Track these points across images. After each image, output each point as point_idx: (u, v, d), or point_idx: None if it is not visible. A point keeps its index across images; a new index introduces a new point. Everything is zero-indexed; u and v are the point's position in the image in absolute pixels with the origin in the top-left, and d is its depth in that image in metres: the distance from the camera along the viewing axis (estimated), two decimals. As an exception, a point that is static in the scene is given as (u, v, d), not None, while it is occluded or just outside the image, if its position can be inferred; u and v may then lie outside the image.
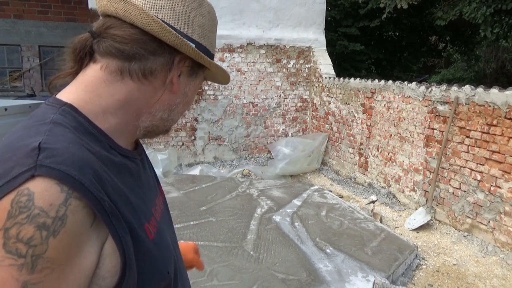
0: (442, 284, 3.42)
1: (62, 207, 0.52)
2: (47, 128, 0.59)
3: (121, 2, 0.65)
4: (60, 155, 0.55)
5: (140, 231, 0.64)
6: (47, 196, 0.51)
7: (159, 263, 0.68)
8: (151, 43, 0.66)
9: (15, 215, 0.50)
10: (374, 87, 5.79)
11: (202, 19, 0.72)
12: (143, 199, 0.71)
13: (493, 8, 6.83)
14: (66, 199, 0.52)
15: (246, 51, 7.14)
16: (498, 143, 3.85)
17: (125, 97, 0.67)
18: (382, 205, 5.27)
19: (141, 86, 0.67)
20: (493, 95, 3.89)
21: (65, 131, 0.60)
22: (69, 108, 0.64)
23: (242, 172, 6.50)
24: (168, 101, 0.71)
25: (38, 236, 0.50)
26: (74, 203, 0.53)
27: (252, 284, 2.93)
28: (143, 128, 0.71)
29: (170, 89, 0.70)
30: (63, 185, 0.52)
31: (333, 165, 6.99)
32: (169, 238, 0.77)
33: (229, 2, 6.96)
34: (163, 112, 0.72)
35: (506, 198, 3.76)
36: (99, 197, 0.55)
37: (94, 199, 0.55)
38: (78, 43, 0.69)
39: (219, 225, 3.97)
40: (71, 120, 0.62)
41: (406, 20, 10.29)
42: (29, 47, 9.61)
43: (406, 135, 5.16)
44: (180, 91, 0.72)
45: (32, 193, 0.51)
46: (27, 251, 0.50)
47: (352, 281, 3.06)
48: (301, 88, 7.62)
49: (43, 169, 0.52)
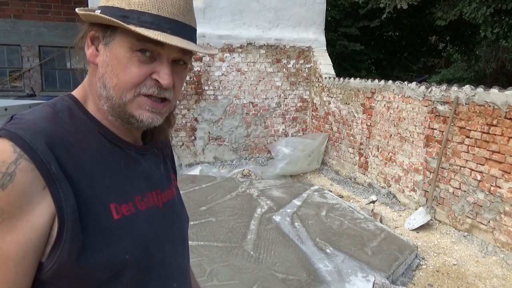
0: (442, 284, 3.42)
1: (12, 165, 0.59)
2: (36, 108, 0.70)
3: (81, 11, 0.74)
4: (24, 123, 0.64)
5: (100, 206, 0.68)
6: (1, 154, 0.60)
7: (117, 243, 0.69)
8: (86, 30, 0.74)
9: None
10: (374, 87, 5.79)
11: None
12: (123, 184, 0.74)
13: (493, 8, 6.83)
14: (16, 158, 0.60)
15: (246, 51, 7.14)
16: (498, 143, 3.85)
17: (88, 82, 0.77)
18: (382, 205, 5.27)
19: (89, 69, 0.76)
20: (493, 95, 3.89)
21: (47, 110, 0.70)
22: (67, 97, 0.75)
23: (242, 172, 6.51)
24: (98, 76, 0.73)
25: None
26: (23, 163, 0.60)
27: (252, 284, 2.93)
28: (109, 114, 0.74)
29: (93, 62, 0.74)
30: (16, 146, 0.60)
31: (333, 165, 6.99)
32: (150, 232, 0.77)
33: (229, 2, 6.96)
34: (102, 89, 0.73)
35: (506, 198, 3.76)
36: (46, 160, 0.62)
37: (40, 161, 0.61)
38: None
39: (219, 225, 3.97)
40: (62, 105, 0.72)
41: (406, 20, 10.29)
42: (29, 47, 9.60)
43: (406, 135, 5.16)
44: (100, 62, 0.72)
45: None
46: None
47: (352, 281, 3.06)
48: (301, 88, 7.62)
49: (2, 132, 0.62)
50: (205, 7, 6.84)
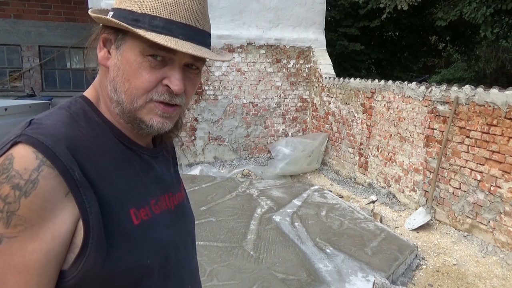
0: (442, 284, 3.42)
1: (35, 172, 0.58)
2: (51, 110, 0.69)
3: (93, 13, 0.73)
4: (44, 128, 0.62)
5: (121, 211, 0.67)
6: (23, 161, 0.58)
7: (139, 249, 0.69)
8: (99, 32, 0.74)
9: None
10: (374, 87, 5.79)
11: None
12: (139, 188, 0.74)
13: (493, 8, 6.83)
14: (39, 165, 0.58)
15: (246, 51, 7.14)
16: (498, 143, 3.85)
17: (99, 83, 0.76)
18: (382, 205, 5.27)
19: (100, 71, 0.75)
20: (493, 95, 3.89)
21: (63, 113, 0.68)
22: (81, 98, 0.74)
23: (242, 172, 6.51)
24: (109, 79, 0.72)
25: (12, 194, 0.57)
26: (46, 170, 0.59)
27: (252, 284, 2.93)
28: (120, 117, 0.73)
29: (104, 65, 0.73)
30: (38, 152, 0.59)
31: (333, 165, 6.99)
32: (166, 235, 0.77)
33: (229, 2, 6.96)
34: (112, 93, 0.71)
35: (506, 198, 3.76)
36: (69, 166, 0.61)
37: (63, 167, 0.60)
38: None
39: (219, 225, 3.97)
40: (76, 108, 0.71)
41: (406, 20, 10.28)
42: (29, 47, 9.60)
43: (406, 135, 5.16)
44: (111, 65, 0.71)
45: (12, 158, 0.59)
46: (3, 206, 0.56)
47: (352, 281, 3.06)
48: (301, 88, 7.61)
49: (23, 137, 0.60)
50: (205, 7, 6.84)
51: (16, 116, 5.97)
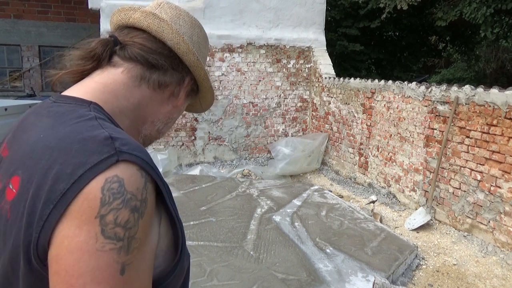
0: (442, 284, 3.42)
1: (144, 190, 0.56)
2: (97, 122, 0.61)
3: (156, 19, 0.74)
4: (130, 144, 0.59)
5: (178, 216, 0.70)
6: (134, 181, 0.55)
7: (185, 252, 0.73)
8: (174, 60, 0.75)
9: (110, 201, 0.53)
10: (374, 87, 5.79)
11: (205, 52, 0.87)
12: None
13: (493, 8, 6.83)
14: (145, 182, 0.57)
15: (246, 51, 7.14)
16: (498, 143, 3.85)
17: (138, 102, 0.73)
18: (382, 205, 5.26)
19: (153, 95, 0.74)
20: (493, 95, 3.89)
21: (109, 125, 0.63)
22: (97, 106, 0.67)
23: (242, 172, 6.50)
24: (169, 114, 0.79)
25: (132, 218, 0.54)
26: (150, 186, 0.58)
27: (252, 284, 2.93)
28: (143, 135, 0.78)
29: (174, 104, 0.79)
30: (142, 170, 0.57)
31: (333, 165, 6.98)
32: None
33: (229, 2, 6.96)
34: (161, 124, 0.79)
35: (506, 198, 3.76)
36: (162, 180, 0.61)
37: (160, 182, 0.60)
38: (99, 44, 0.72)
39: (219, 225, 3.97)
40: (105, 117, 0.66)
41: (406, 20, 10.28)
42: (29, 47, 9.61)
43: (406, 135, 5.16)
44: (180, 107, 0.82)
45: (122, 179, 0.54)
46: (124, 234, 0.53)
47: (352, 281, 3.06)
48: (301, 88, 7.61)
49: (125, 155, 0.56)
50: (205, 7, 6.84)
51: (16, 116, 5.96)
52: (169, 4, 0.82)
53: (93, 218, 0.52)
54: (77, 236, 0.51)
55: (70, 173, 0.54)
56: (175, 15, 0.80)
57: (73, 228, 0.52)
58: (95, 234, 0.51)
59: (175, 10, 0.81)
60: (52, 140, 0.59)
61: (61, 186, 0.53)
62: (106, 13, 6.32)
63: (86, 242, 0.51)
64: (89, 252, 0.51)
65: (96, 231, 0.51)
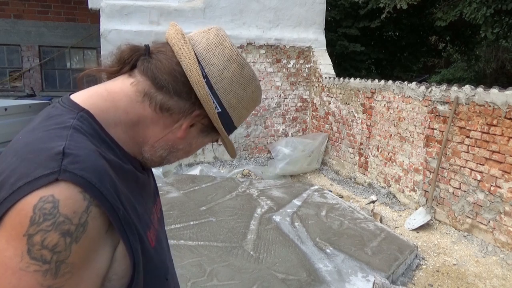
0: (442, 284, 3.42)
1: (84, 214, 0.53)
2: (67, 133, 0.59)
3: (181, 40, 0.70)
4: (83, 162, 0.55)
5: (145, 237, 0.66)
6: (71, 204, 0.52)
7: (159, 270, 0.70)
8: (183, 86, 0.69)
9: (39, 222, 0.50)
10: (374, 87, 5.79)
11: (242, 94, 0.75)
12: (145, 208, 0.73)
13: (493, 8, 6.83)
14: (87, 206, 0.54)
15: (246, 51, 7.14)
16: (498, 143, 3.85)
17: (137, 119, 0.69)
18: (382, 205, 5.27)
19: (155, 117, 0.69)
20: (493, 95, 3.89)
21: (83, 138, 0.60)
22: (86, 114, 0.64)
23: (242, 172, 6.50)
24: (172, 142, 0.73)
25: (62, 242, 0.51)
26: (94, 210, 0.54)
27: (252, 284, 2.93)
28: (144, 158, 0.74)
29: (176, 133, 0.72)
30: (85, 193, 0.54)
31: (333, 165, 6.98)
32: (165, 246, 0.79)
33: (229, 2, 6.96)
34: (164, 151, 0.73)
35: (506, 198, 3.76)
36: (115, 206, 0.57)
37: (110, 207, 0.56)
38: (128, 49, 0.71)
39: (219, 225, 3.97)
40: (88, 127, 0.63)
41: (406, 20, 10.29)
42: (29, 47, 9.61)
43: (406, 135, 5.16)
44: (185, 139, 0.74)
45: (57, 201, 0.51)
46: (51, 257, 0.51)
47: (352, 281, 3.06)
48: (301, 88, 7.61)
49: (67, 174, 0.53)
50: (205, 7, 6.85)
51: (16, 116, 5.96)
52: (218, 31, 0.74)
53: (22, 236, 0.50)
54: (5, 251, 0.50)
55: (13, 182, 0.52)
56: (214, 43, 0.72)
57: (3, 241, 0.50)
58: (21, 252, 0.50)
59: (217, 38, 0.73)
60: (20, 144, 0.58)
61: (2, 193, 0.52)
62: (106, 13, 6.31)
63: (11, 259, 0.50)
64: (12, 270, 0.50)
65: (22, 250, 0.50)
